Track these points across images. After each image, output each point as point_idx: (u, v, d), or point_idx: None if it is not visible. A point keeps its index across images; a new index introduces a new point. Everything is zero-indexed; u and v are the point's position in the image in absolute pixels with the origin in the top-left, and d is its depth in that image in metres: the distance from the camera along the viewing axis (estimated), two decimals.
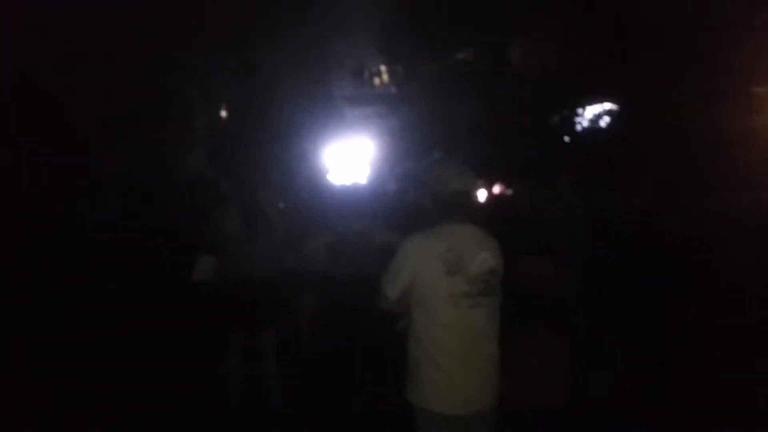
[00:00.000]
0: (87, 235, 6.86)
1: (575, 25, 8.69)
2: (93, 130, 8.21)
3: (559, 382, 3.90)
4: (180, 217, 6.59)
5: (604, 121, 9.35)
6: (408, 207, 4.64)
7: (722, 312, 4.71)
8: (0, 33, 7.55)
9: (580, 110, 9.55)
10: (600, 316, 4.38)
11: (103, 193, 7.63)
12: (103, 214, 7.26)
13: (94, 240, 6.68)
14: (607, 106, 9.36)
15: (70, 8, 7.48)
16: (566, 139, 9.51)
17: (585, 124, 9.52)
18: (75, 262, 6.45)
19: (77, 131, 8.18)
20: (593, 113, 9.45)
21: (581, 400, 4.00)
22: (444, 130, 9.52)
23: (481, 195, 7.00)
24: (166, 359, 4.99)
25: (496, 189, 7.78)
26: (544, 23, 8.99)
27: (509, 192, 7.44)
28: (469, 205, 2.62)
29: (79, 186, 7.74)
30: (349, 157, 8.96)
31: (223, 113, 9.73)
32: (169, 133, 8.52)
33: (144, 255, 6.31)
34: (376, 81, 11.09)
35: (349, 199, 4.98)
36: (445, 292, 2.45)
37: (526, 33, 9.30)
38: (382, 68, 11.06)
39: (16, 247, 6.46)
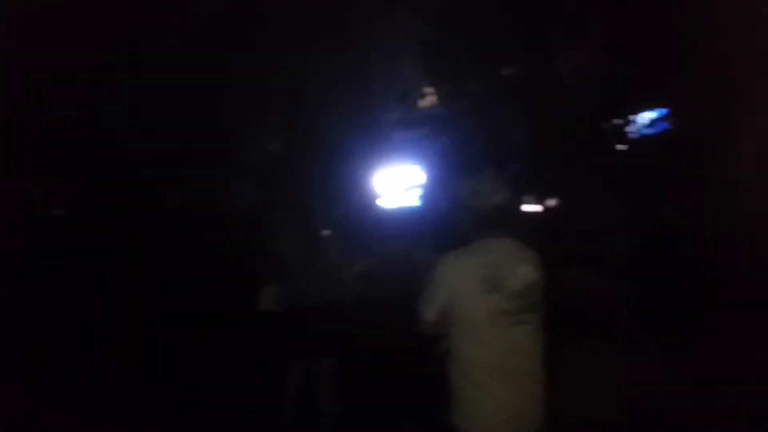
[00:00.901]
0: (156, 270, 7.12)
1: (620, 33, 8.52)
2: (152, 169, 8.47)
3: (610, 394, 3.78)
4: (241, 247, 6.75)
5: (653, 129, 9.07)
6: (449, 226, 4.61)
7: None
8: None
9: (628, 119, 9.31)
10: (651, 327, 4.23)
11: (167, 229, 7.87)
12: (168, 250, 7.49)
13: (163, 275, 6.93)
14: (656, 113, 9.08)
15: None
16: (615, 148, 9.28)
17: (635, 133, 9.26)
18: (147, 294, 6.70)
19: (139, 170, 8.48)
20: (643, 122, 9.19)
21: (635, 411, 3.87)
22: (493, 147, 9.43)
23: (522, 209, 6.90)
24: (229, 388, 5.14)
25: (543, 202, 7.65)
26: (589, 34, 8.86)
27: (554, 204, 7.29)
28: (507, 219, 2.58)
29: (146, 223, 8.00)
30: (400, 181, 8.99)
31: (273, 143, 9.91)
32: (225, 166, 8.73)
33: (210, 286, 6.52)
34: (423, 102, 11.09)
35: (400, 222, 4.98)
36: (484, 311, 2.41)
37: (571, 44, 9.17)
38: (428, 89, 11.05)
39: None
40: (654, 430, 3.78)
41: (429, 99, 11.06)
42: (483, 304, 2.38)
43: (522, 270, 2.44)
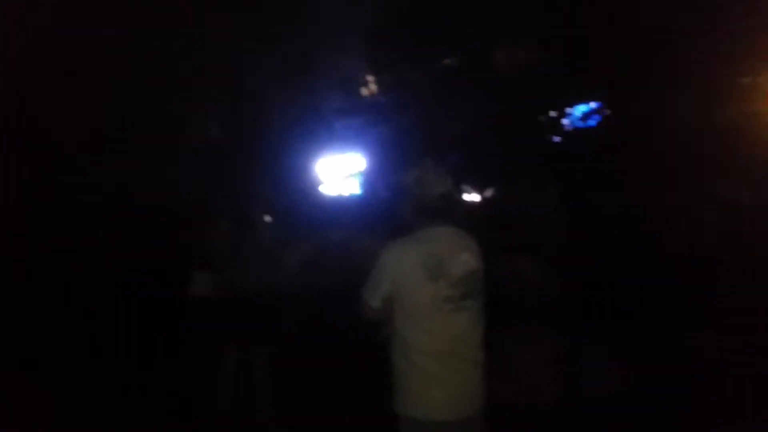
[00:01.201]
0: (92, 255, 6.92)
1: (559, 27, 8.72)
2: (85, 149, 8.19)
3: (545, 380, 3.90)
4: (174, 232, 6.62)
5: (588, 121, 9.36)
6: (389, 214, 4.64)
7: (714, 305, 4.71)
8: None
9: (564, 111, 9.56)
10: (587, 313, 4.38)
11: (99, 213, 7.64)
12: (104, 232, 7.28)
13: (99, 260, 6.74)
14: (592, 105, 9.36)
15: None
16: (550, 139, 9.52)
17: (569, 124, 9.53)
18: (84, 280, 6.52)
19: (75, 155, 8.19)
20: (579, 113, 9.46)
21: (572, 398, 4.00)
22: (433, 137, 9.51)
23: (463, 198, 7.01)
24: (164, 370, 5.07)
25: (482, 191, 7.80)
26: (527, 27, 9.03)
27: (493, 194, 7.44)
28: (449, 208, 2.61)
29: (81, 209, 7.75)
30: (340, 169, 8.98)
31: (212, 129, 9.72)
32: (160, 150, 8.51)
33: (144, 271, 6.39)
34: (364, 91, 11.07)
35: (338, 209, 4.97)
36: (428, 297, 2.44)
37: (510, 36, 9.32)
38: (370, 78, 11.04)
39: None
40: (589, 417, 3.90)
41: (370, 88, 11.06)
42: (427, 290, 2.41)
43: (464, 257, 2.48)
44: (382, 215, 6.25)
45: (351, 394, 4.36)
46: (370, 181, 9.07)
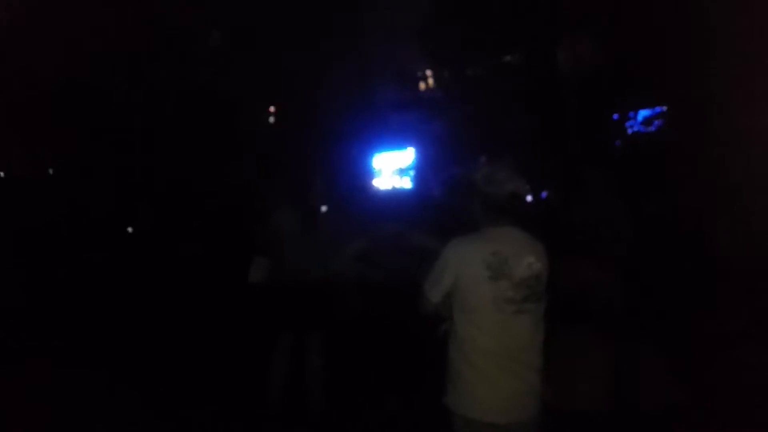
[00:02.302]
0: (148, 239, 7.13)
1: (621, 28, 8.53)
2: (148, 140, 8.42)
3: (601, 388, 3.81)
4: (236, 220, 6.76)
5: (651, 124, 9.12)
6: (452, 211, 4.60)
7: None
8: None
9: (627, 113, 9.35)
10: (646, 321, 4.27)
11: (162, 199, 7.86)
12: (165, 219, 7.48)
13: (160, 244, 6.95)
14: (654, 109, 9.13)
15: None
16: (612, 142, 9.32)
17: (632, 126, 9.31)
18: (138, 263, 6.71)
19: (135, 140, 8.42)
20: (642, 116, 9.24)
21: (625, 406, 3.91)
22: (489, 135, 9.42)
23: (528, 198, 6.90)
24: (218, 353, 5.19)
25: (542, 192, 7.67)
26: (589, 26, 8.86)
27: (554, 195, 7.32)
28: (517, 208, 2.55)
29: (138, 191, 7.98)
30: (395, 163, 8.98)
31: (274, 119, 9.87)
32: (224, 139, 8.69)
33: (205, 255, 6.55)
34: (422, 86, 11.04)
35: (395, 203, 4.96)
36: (489, 297, 2.40)
37: (571, 35, 9.15)
38: (428, 73, 11.00)
39: None
40: (644, 426, 3.82)
41: (428, 83, 11.02)
42: (488, 290, 2.37)
43: (528, 259, 2.43)
44: (434, 211, 6.23)
45: (399, 385, 4.36)
46: (423, 176, 9.04)
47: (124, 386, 4.52)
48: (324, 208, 4.54)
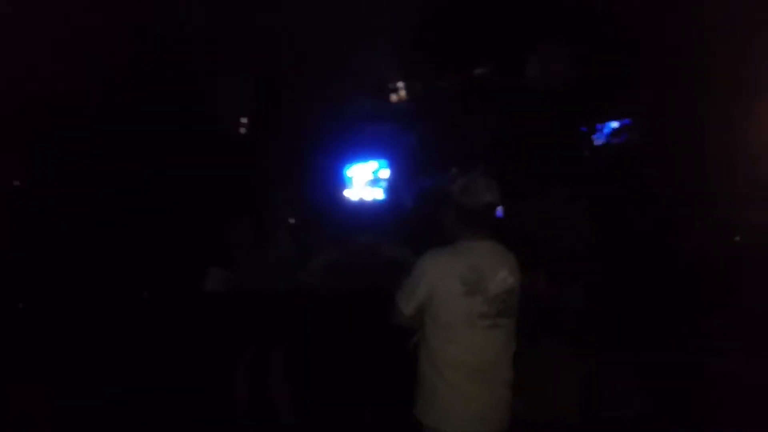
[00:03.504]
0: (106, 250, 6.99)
1: (590, 39, 8.65)
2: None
3: (573, 398, 3.84)
4: (193, 230, 6.68)
5: (620, 136, 9.26)
6: (425, 222, 4.60)
7: (737, 322, 4.63)
8: None
9: (595, 126, 9.48)
10: (609, 329, 4.32)
11: (117, 208, 7.72)
12: (121, 227, 7.36)
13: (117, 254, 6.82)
14: (623, 121, 9.27)
15: None
16: (580, 154, 9.44)
17: (599, 138, 9.45)
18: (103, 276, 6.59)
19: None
20: (609, 128, 9.38)
21: (593, 414, 3.94)
22: (461, 146, 9.47)
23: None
24: (177, 366, 5.10)
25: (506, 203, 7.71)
26: (559, 38, 8.97)
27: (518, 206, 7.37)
28: (492, 220, 2.55)
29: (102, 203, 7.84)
30: (367, 174, 8.97)
31: (239, 129, 9.78)
32: (182, 148, 8.57)
33: (161, 266, 6.45)
34: (394, 97, 11.06)
35: (366, 215, 4.94)
36: (463, 312, 2.39)
37: (541, 47, 9.27)
38: (400, 85, 11.03)
39: None
40: None
41: (400, 94, 11.05)
42: (462, 305, 2.36)
43: (503, 274, 2.43)
44: (405, 222, 6.22)
45: (368, 397, 4.34)
46: (395, 187, 9.04)
47: (86, 397, 4.43)
48: (292, 220, 4.51)
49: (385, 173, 9.21)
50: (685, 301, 4.81)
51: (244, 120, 10.05)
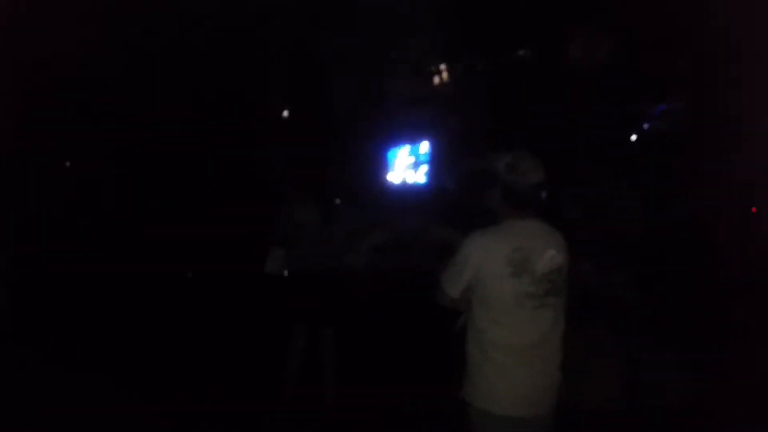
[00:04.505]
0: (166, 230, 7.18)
1: (636, 21, 8.44)
2: (162, 130, 8.43)
3: (614, 384, 3.82)
4: (253, 211, 6.80)
5: (668, 120, 9.04)
6: (469, 204, 4.61)
7: None
8: None
9: (639, 109, 9.27)
10: (656, 319, 4.27)
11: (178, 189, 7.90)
12: (182, 210, 7.53)
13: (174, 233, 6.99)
14: (671, 104, 9.04)
15: None
16: (628, 138, 9.26)
17: (644, 123, 9.24)
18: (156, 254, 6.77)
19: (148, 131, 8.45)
20: (654, 112, 9.16)
21: (637, 403, 3.92)
22: (503, 128, 9.39)
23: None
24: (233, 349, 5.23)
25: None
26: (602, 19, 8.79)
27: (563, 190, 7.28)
28: (539, 200, 2.53)
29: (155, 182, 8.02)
30: (410, 157, 8.97)
31: (289, 113, 9.87)
32: (240, 131, 8.71)
33: (220, 247, 6.59)
34: (436, 80, 11.01)
35: (409, 197, 4.97)
36: (510, 292, 2.38)
37: (584, 29, 9.09)
38: (442, 67, 10.96)
39: None
40: (655, 424, 3.82)
41: (442, 77, 10.98)
42: (510, 286, 2.36)
43: (550, 253, 2.43)
44: (448, 205, 6.22)
45: (415, 377, 4.40)
46: (437, 170, 9.02)
47: (132, 381, 4.57)
48: (338, 201, 4.59)
49: (428, 156, 9.19)
50: (733, 293, 4.72)
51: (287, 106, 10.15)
